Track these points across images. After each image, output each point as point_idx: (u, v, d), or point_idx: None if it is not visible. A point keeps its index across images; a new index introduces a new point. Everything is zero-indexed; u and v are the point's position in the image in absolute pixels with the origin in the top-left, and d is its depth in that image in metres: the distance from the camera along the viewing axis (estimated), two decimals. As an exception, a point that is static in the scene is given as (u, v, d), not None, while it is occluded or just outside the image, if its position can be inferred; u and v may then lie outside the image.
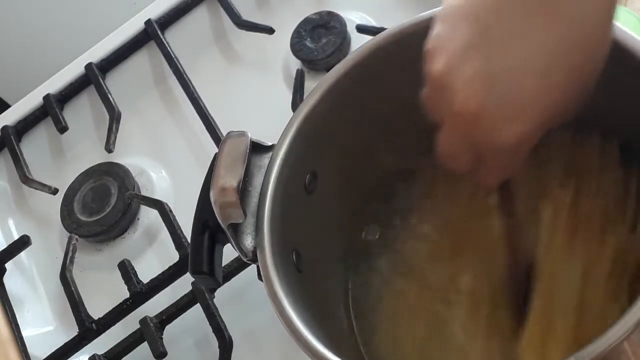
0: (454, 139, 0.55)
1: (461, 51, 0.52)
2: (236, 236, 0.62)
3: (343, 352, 0.58)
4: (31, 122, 1.05)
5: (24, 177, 0.98)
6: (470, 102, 0.52)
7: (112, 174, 0.94)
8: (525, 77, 0.51)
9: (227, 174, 0.62)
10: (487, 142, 0.53)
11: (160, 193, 0.93)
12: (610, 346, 0.50)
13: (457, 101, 0.52)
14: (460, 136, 0.54)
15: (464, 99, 0.52)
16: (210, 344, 0.80)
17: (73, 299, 0.86)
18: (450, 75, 0.52)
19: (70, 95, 1.05)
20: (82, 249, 0.92)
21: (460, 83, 0.52)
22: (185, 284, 0.83)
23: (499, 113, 0.52)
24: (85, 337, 0.85)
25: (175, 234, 0.86)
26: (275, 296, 0.59)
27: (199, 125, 0.93)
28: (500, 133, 0.52)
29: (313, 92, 0.67)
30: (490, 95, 0.51)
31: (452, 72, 0.52)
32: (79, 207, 0.94)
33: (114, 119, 0.98)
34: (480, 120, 0.52)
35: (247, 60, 1.00)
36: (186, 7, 1.05)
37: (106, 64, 1.04)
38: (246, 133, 0.64)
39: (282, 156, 0.65)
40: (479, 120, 0.52)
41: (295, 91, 0.90)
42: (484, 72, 0.51)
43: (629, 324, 0.50)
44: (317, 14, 0.94)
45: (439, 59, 0.53)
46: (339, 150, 0.69)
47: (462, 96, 0.52)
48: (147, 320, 0.82)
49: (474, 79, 0.51)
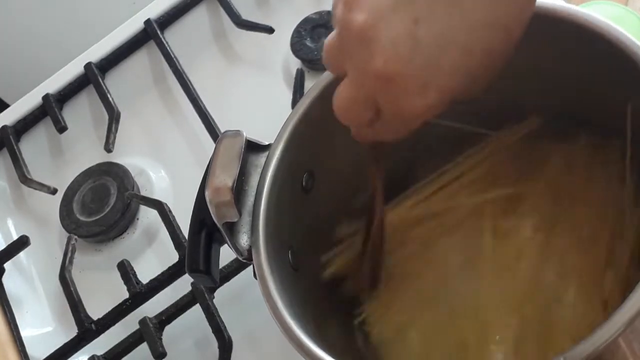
0: (357, 95, 0.53)
1: (389, 7, 0.49)
2: (232, 235, 0.62)
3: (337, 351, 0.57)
4: (30, 122, 1.05)
5: (23, 177, 0.98)
6: (390, 65, 0.49)
7: (112, 174, 0.94)
8: (449, 48, 0.49)
9: (222, 173, 0.62)
10: (393, 106, 0.52)
11: (160, 193, 0.93)
12: (603, 344, 0.49)
13: (376, 61, 0.50)
14: (365, 94, 0.52)
15: (384, 60, 0.49)
16: (210, 345, 0.80)
17: (72, 299, 0.86)
18: (373, 31, 0.49)
19: (70, 95, 1.05)
20: (82, 249, 0.92)
21: (383, 42, 0.49)
22: (185, 284, 0.83)
23: (414, 80, 0.50)
24: (84, 337, 0.85)
25: (174, 234, 0.86)
26: (270, 295, 0.59)
27: (199, 125, 0.93)
28: (411, 100, 0.51)
29: (310, 91, 0.67)
30: (411, 61, 0.49)
31: (376, 28, 0.49)
32: (78, 207, 0.94)
33: (113, 119, 0.98)
34: (394, 84, 0.50)
35: (247, 59, 1.00)
36: (185, 6, 1.05)
37: (105, 64, 1.05)
38: (241, 132, 0.64)
39: (278, 155, 0.65)
40: (393, 84, 0.50)
41: (295, 91, 0.90)
42: (410, 34, 0.49)
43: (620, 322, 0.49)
44: (317, 14, 0.94)
45: (362, 8, 0.50)
46: (336, 150, 0.69)
47: (383, 57, 0.49)
48: (147, 320, 0.82)
49: (398, 40, 0.49)
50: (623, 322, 0.49)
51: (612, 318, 0.50)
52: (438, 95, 0.51)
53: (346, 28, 0.51)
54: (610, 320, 0.50)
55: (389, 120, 0.53)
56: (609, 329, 0.49)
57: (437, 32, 0.49)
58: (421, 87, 0.50)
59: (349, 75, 0.52)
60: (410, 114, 0.51)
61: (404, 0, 0.49)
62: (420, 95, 0.50)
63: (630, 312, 0.49)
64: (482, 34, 0.50)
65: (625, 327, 0.49)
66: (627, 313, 0.49)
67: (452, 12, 0.49)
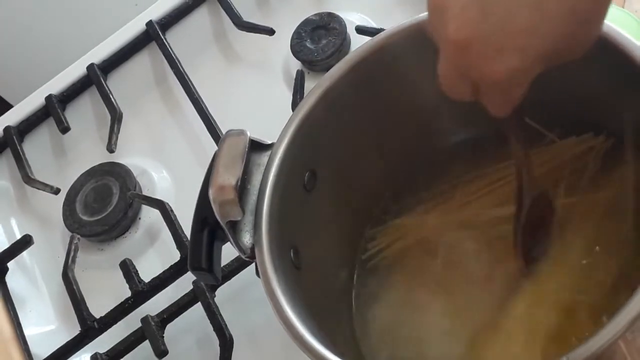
0: (449, 67, 0.54)
1: None
2: (234, 233, 0.63)
3: (340, 349, 0.58)
4: (33, 123, 1.05)
5: (26, 177, 0.99)
6: (463, 30, 0.51)
7: (114, 174, 0.95)
8: (519, 8, 0.50)
9: (225, 172, 0.62)
10: (479, 73, 0.52)
11: (162, 193, 0.94)
12: (603, 346, 0.50)
13: (450, 27, 0.51)
14: (454, 65, 0.53)
15: (457, 25, 0.51)
16: (211, 343, 0.80)
17: (75, 298, 0.87)
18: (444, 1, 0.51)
19: (72, 96, 1.05)
20: (84, 248, 0.92)
21: (455, 8, 0.51)
22: (187, 283, 0.83)
23: (490, 43, 0.50)
24: (87, 335, 0.85)
25: (176, 234, 0.86)
26: (273, 293, 0.60)
27: (200, 126, 0.94)
28: (491, 63, 0.51)
29: (312, 91, 0.68)
30: (483, 23, 0.50)
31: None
32: (80, 207, 0.94)
33: (116, 120, 0.98)
34: (471, 49, 0.51)
35: (248, 61, 1.00)
36: (187, 8, 1.05)
37: (108, 65, 1.05)
38: (245, 131, 0.64)
39: (281, 154, 0.65)
40: (470, 49, 0.51)
41: (296, 92, 0.91)
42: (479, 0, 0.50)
43: (621, 324, 0.50)
44: (317, 15, 0.95)
45: None
46: (338, 149, 0.70)
47: (455, 22, 0.51)
48: (149, 319, 0.82)
49: (468, 6, 0.50)
50: (623, 325, 0.50)
51: (612, 320, 0.50)
52: (518, 56, 0.51)
53: (427, 3, 0.53)
54: (611, 323, 0.50)
55: (487, 90, 0.54)
56: (610, 331, 0.50)
57: None
58: (498, 50, 0.51)
59: (441, 48, 0.53)
60: (495, 76, 0.51)
61: None
62: (499, 59, 0.51)
63: (631, 314, 0.50)
64: None
65: (625, 329, 0.50)
66: (628, 315, 0.50)
67: None
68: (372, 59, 0.68)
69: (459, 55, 0.52)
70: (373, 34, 0.88)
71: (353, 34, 0.93)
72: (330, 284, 0.70)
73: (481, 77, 0.52)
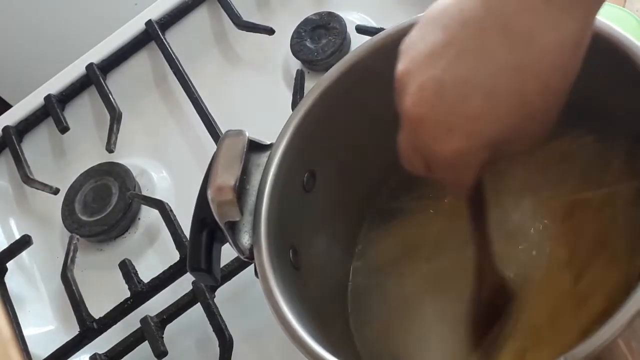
0: (406, 141, 0.56)
1: (424, 56, 0.53)
2: (233, 234, 0.63)
3: (338, 350, 0.58)
4: (32, 123, 1.05)
5: (25, 177, 0.99)
6: (417, 107, 0.53)
7: (113, 174, 0.95)
8: (473, 93, 0.51)
9: (224, 173, 0.62)
10: (429, 150, 0.54)
11: (161, 193, 0.94)
12: (603, 345, 0.50)
13: (407, 101, 0.53)
14: (409, 139, 0.55)
15: (411, 103, 0.53)
16: (211, 343, 0.80)
17: (74, 298, 0.87)
18: (407, 77, 0.53)
19: (72, 96, 1.05)
20: (83, 248, 0.92)
21: (412, 87, 0.53)
22: (186, 283, 0.83)
23: (441, 123, 0.52)
24: (86, 336, 0.85)
25: (175, 234, 0.86)
26: (271, 293, 0.60)
27: (200, 126, 0.94)
28: (439, 143, 0.53)
29: (311, 91, 0.68)
30: (437, 103, 0.52)
31: (410, 74, 0.53)
32: (80, 207, 0.94)
33: (115, 119, 0.98)
34: (423, 126, 0.53)
35: (248, 60, 1.00)
36: (187, 8, 1.05)
37: (107, 65, 1.05)
38: (244, 132, 0.64)
39: (280, 155, 0.65)
40: (422, 125, 0.53)
41: (296, 92, 0.90)
42: (436, 80, 0.52)
43: (620, 323, 0.50)
44: (317, 15, 0.95)
45: (405, 59, 0.54)
46: (338, 150, 0.70)
47: (412, 98, 0.53)
48: (148, 319, 0.82)
49: (425, 85, 0.52)
50: (622, 323, 0.50)
51: (611, 319, 0.50)
52: (465, 139, 0.52)
53: (395, 76, 0.55)
54: (610, 321, 0.50)
55: (436, 168, 0.55)
56: (609, 329, 0.50)
57: (462, 77, 0.51)
58: (447, 130, 0.52)
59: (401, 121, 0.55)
60: (443, 156, 0.53)
61: (439, 50, 0.52)
62: (447, 139, 0.53)
63: (630, 312, 0.50)
64: (507, 79, 0.51)
65: (624, 327, 0.50)
66: (627, 314, 0.50)
67: (480, 59, 0.51)
68: (372, 59, 0.68)
69: (412, 130, 0.54)
70: (373, 34, 0.87)
71: (353, 33, 0.93)
72: (328, 285, 0.70)
73: (431, 155, 0.54)
